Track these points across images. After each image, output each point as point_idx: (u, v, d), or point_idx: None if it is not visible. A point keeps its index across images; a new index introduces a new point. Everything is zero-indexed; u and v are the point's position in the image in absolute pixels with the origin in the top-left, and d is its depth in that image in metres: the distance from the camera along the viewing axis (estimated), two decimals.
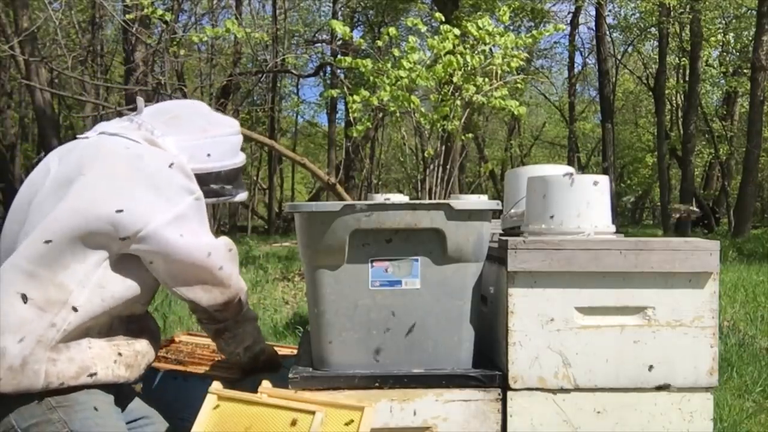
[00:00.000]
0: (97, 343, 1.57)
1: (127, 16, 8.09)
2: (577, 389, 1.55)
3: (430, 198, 5.73)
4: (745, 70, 19.75)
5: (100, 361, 1.56)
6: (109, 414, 1.56)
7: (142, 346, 1.68)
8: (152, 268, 1.60)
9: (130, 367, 1.63)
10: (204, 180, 1.75)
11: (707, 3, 18.57)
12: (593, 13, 20.54)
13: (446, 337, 1.59)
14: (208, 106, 1.98)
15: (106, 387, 1.58)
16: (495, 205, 1.63)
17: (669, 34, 19.82)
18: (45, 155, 1.73)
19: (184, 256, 1.60)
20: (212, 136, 1.79)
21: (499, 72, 5.71)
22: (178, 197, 1.62)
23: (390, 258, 1.56)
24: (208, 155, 1.77)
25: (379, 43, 6.40)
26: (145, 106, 1.82)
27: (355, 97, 5.52)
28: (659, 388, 1.56)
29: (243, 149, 1.93)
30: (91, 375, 1.53)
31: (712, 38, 20.35)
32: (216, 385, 1.50)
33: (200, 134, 1.77)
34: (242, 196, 1.90)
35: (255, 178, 25.27)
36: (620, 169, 27.66)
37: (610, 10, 21.14)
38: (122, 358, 1.62)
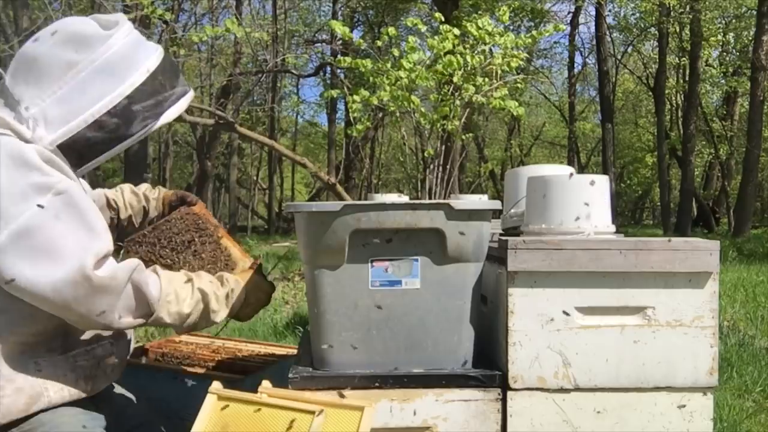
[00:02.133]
0: (47, 361, 1.43)
1: (127, 16, 8.09)
2: (577, 389, 1.55)
3: (430, 198, 5.73)
4: (745, 70, 19.75)
5: (53, 383, 1.43)
6: (76, 428, 1.44)
7: (105, 349, 1.53)
8: None
9: (92, 379, 1.50)
10: (102, 125, 1.42)
11: (707, 3, 18.58)
12: (593, 13, 20.55)
13: (446, 337, 1.59)
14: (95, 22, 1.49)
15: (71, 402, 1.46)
16: (495, 205, 1.63)
17: (669, 34, 19.85)
18: None
19: (29, 291, 1.30)
20: (87, 67, 1.40)
21: (499, 72, 5.71)
22: (20, 205, 1.29)
23: (390, 258, 1.56)
24: (90, 96, 1.39)
25: (379, 43, 6.40)
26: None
27: (355, 97, 5.53)
28: (659, 388, 1.56)
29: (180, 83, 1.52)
30: (43, 401, 1.41)
31: (712, 38, 20.37)
32: (216, 385, 1.50)
33: (68, 73, 1.39)
34: (173, 111, 1.51)
35: (255, 178, 25.28)
36: (620, 169, 27.67)
37: (610, 10, 21.16)
38: (80, 371, 1.48)
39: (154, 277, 1.46)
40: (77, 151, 1.43)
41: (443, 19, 6.14)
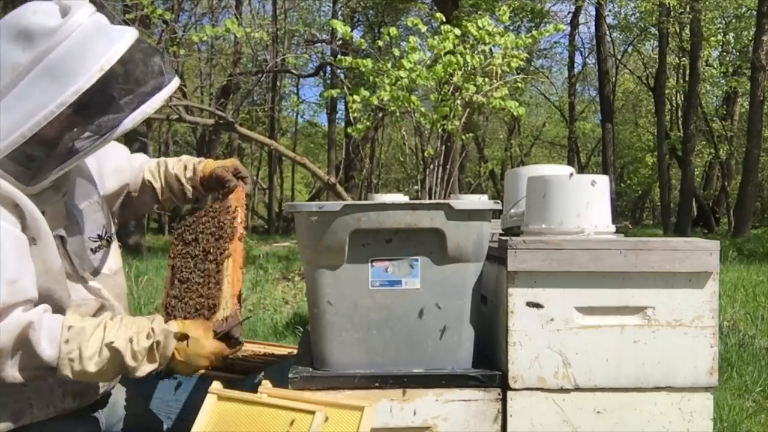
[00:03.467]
0: None
1: (127, 16, 8.10)
2: (577, 389, 1.55)
3: (430, 198, 5.73)
4: (745, 70, 19.75)
5: (39, 399, 1.40)
6: None
7: None
8: None
9: (80, 395, 1.47)
10: (44, 140, 1.27)
11: (707, 3, 18.58)
12: (593, 13, 20.55)
13: (446, 337, 1.59)
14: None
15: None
16: (495, 205, 1.63)
17: (669, 34, 19.83)
18: None
19: None
20: (30, 69, 1.23)
21: (499, 72, 5.72)
22: None
23: (390, 258, 1.56)
24: (29, 105, 1.22)
25: (379, 43, 6.41)
26: None
27: (355, 97, 5.54)
28: (659, 388, 1.56)
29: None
30: (26, 418, 1.39)
31: (712, 38, 20.36)
32: (216, 385, 1.50)
33: (12, 76, 1.23)
34: (139, 113, 1.30)
35: (255, 178, 25.28)
36: (620, 169, 27.67)
37: (610, 10, 21.15)
38: (68, 386, 1.45)
39: (52, 333, 1.31)
40: (22, 168, 1.28)
41: (443, 19, 6.15)
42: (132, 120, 1.31)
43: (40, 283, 1.35)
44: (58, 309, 1.39)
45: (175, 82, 1.37)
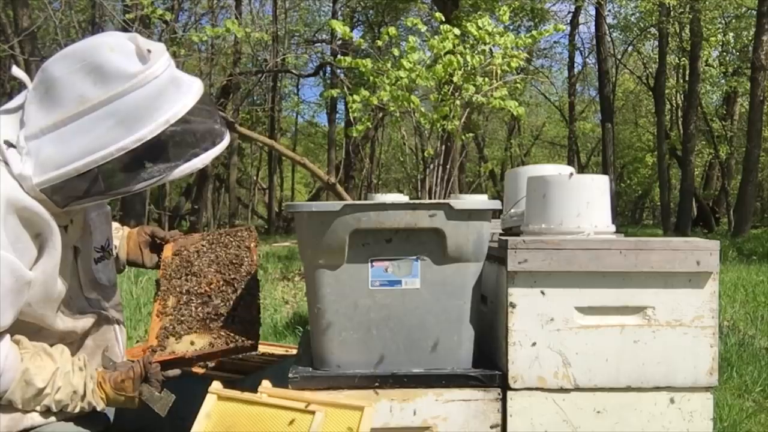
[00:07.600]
0: None
1: (127, 15, 8.11)
2: (577, 389, 1.55)
3: (430, 198, 5.73)
4: (745, 70, 19.76)
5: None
6: None
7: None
8: None
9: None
10: (97, 175, 1.30)
11: (707, 3, 18.58)
12: (593, 13, 20.55)
13: (446, 337, 1.59)
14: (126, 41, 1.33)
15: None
16: (495, 205, 1.63)
17: (669, 34, 19.84)
18: None
19: None
20: (98, 107, 1.25)
21: (499, 72, 5.72)
22: None
23: (390, 258, 1.56)
24: (90, 141, 1.25)
25: (379, 43, 6.41)
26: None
27: (355, 97, 5.54)
28: (659, 388, 1.56)
29: (236, 143, 1.48)
30: (26, 422, 1.39)
31: (712, 38, 20.36)
32: (216, 385, 1.50)
33: (78, 108, 1.25)
34: (190, 165, 1.35)
35: (255, 178, 25.28)
36: (620, 169, 27.66)
37: (610, 10, 21.16)
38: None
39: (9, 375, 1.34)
40: (61, 194, 1.31)
41: (443, 19, 6.15)
42: (181, 171, 1.35)
43: (35, 301, 1.36)
44: (46, 333, 1.43)
45: (227, 140, 1.41)
